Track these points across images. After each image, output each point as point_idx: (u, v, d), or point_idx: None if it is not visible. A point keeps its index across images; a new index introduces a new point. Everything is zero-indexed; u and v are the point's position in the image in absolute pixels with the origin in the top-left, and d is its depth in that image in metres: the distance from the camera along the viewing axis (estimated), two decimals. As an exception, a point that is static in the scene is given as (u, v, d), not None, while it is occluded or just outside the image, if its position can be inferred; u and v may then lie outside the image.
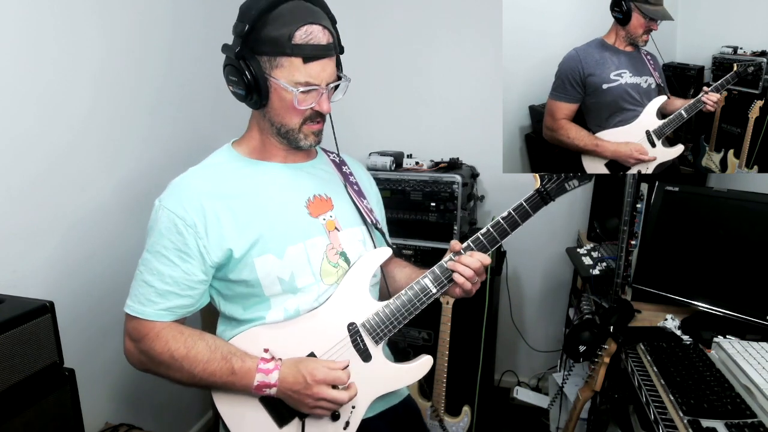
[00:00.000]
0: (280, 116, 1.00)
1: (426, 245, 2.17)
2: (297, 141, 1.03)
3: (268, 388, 0.97)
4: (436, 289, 1.05)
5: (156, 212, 0.99)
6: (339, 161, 1.20)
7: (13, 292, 1.21)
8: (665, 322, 1.41)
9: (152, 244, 0.98)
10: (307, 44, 0.92)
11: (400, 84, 2.54)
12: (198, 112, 2.16)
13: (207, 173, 1.04)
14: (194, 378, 0.98)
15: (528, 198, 1.06)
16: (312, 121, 1.02)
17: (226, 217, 0.98)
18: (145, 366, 1.02)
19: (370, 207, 1.18)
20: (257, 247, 0.99)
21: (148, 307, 0.98)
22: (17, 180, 1.44)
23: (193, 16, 2.08)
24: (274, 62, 0.94)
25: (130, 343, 1.01)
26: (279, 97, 0.97)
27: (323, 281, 1.05)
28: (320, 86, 0.97)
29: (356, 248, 1.10)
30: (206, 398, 2.33)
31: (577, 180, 1.06)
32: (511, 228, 1.05)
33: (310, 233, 1.04)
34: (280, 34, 0.91)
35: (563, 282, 2.54)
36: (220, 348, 0.99)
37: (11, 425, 1.05)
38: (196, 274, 0.98)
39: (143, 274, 0.99)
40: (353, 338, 1.04)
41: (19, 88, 1.42)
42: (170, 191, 1.01)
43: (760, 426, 0.97)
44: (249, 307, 1.03)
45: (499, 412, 2.48)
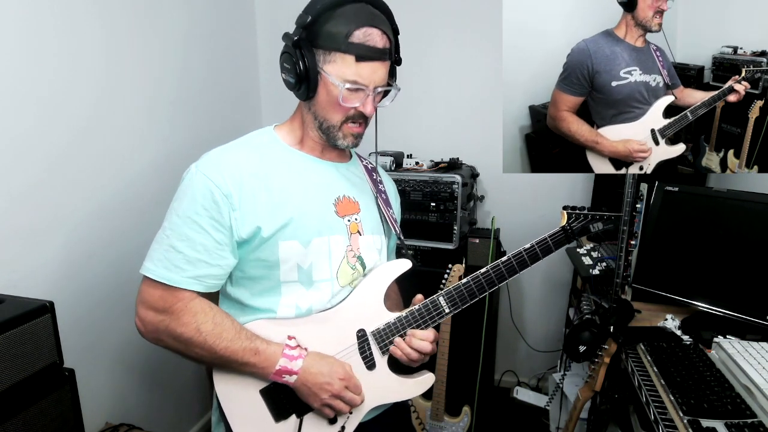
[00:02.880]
0: (324, 110, 1.01)
1: (426, 245, 2.17)
2: (335, 139, 1.03)
3: (289, 374, 0.97)
4: (448, 310, 1.06)
5: (191, 177, 0.96)
6: (371, 168, 1.21)
7: (13, 292, 1.21)
8: (665, 322, 1.41)
9: (184, 209, 0.94)
10: (363, 44, 0.94)
11: (400, 84, 2.53)
12: (197, 112, 2.16)
13: (248, 150, 1.02)
14: (214, 355, 0.95)
15: (553, 234, 1.06)
16: (354, 122, 1.02)
17: (262, 195, 0.97)
18: (159, 336, 0.97)
19: (395, 218, 1.19)
20: (286, 231, 0.98)
21: (175, 274, 0.94)
22: (17, 180, 1.44)
23: (196, 15, 2.09)
24: (328, 56, 0.95)
25: (147, 311, 0.96)
26: (326, 91, 0.98)
27: (338, 280, 1.05)
28: (368, 87, 0.97)
29: (373, 256, 1.11)
30: (206, 398, 2.33)
31: (602, 223, 1.07)
32: (532, 261, 1.05)
33: (335, 230, 1.04)
34: (338, 30, 0.93)
35: (563, 282, 2.54)
36: (245, 328, 0.98)
37: (11, 425, 1.05)
38: (227, 244, 0.96)
39: (170, 239, 0.94)
40: (361, 345, 1.04)
41: (20, 89, 1.42)
42: (210, 159, 0.98)
43: (760, 426, 0.96)
44: (258, 293, 1.02)
45: (499, 412, 2.48)
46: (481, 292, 1.06)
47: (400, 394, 1.09)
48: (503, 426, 2.40)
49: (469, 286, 1.06)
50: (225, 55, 2.35)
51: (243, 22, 2.49)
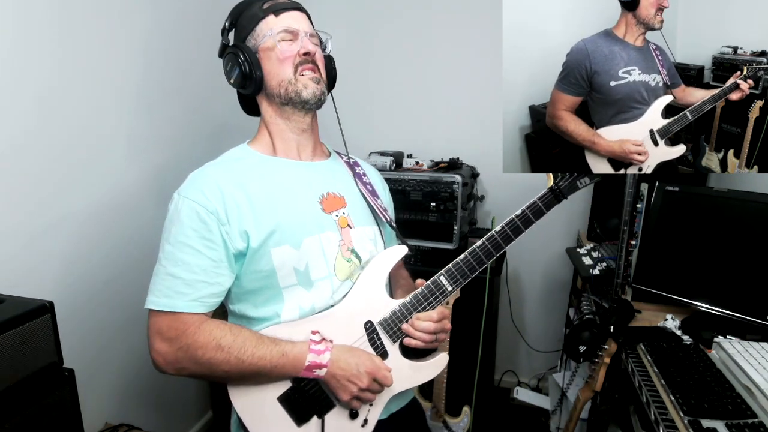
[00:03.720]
0: (275, 75, 1.04)
1: (426, 245, 2.17)
2: (299, 94, 1.04)
3: (319, 368, 0.98)
4: (451, 287, 1.07)
5: (176, 204, 0.97)
6: (352, 163, 1.22)
7: (13, 292, 1.21)
8: (665, 322, 1.41)
9: (174, 235, 0.95)
10: (275, 3, 1.05)
11: (400, 84, 2.54)
12: (197, 113, 2.16)
13: (225, 166, 1.04)
14: (242, 364, 0.95)
15: (542, 195, 1.08)
16: (304, 66, 1.04)
17: (245, 204, 0.98)
18: (181, 365, 0.96)
19: (383, 206, 1.19)
20: (274, 237, 0.99)
21: (177, 300, 0.94)
22: (17, 180, 1.44)
23: (193, 15, 2.09)
24: (255, 34, 1.04)
25: (161, 343, 0.95)
26: (268, 59, 1.04)
27: (336, 276, 1.05)
28: (299, 31, 1.04)
29: (367, 246, 1.11)
30: (206, 398, 2.33)
31: (588, 177, 1.09)
32: (525, 225, 1.07)
33: (324, 227, 1.05)
34: (252, 12, 1.05)
35: (563, 282, 2.54)
36: (264, 333, 0.99)
37: (11, 425, 1.05)
38: (223, 261, 0.97)
39: (166, 268, 0.95)
40: (370, 337, 1.05)
41: (20, 88, 1.42)
42: (189, 183, 1.00)
43: (761, 426, 0.96)
44: (261, 304, 1.03)
45: (499, 412, 2.48)
46: (480, 264, 1.07)
47: (417, 379, 1.09)
48: (503, 426, 2.40)
49: (468, 261, 1.06)
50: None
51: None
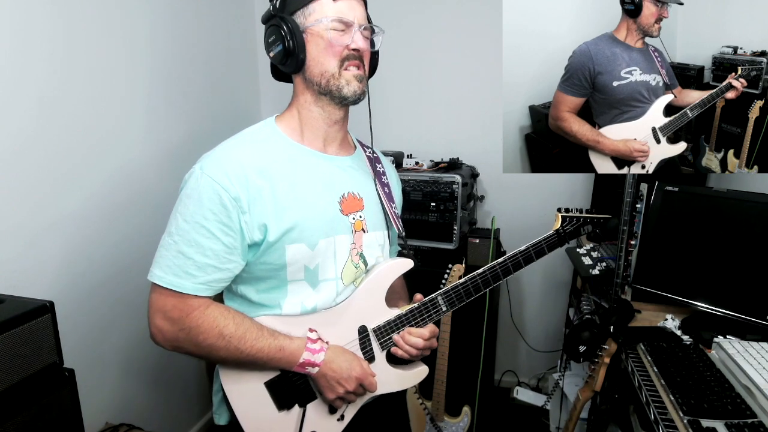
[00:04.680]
0: (318, 64, 0.99)
1: (426, 245, 2.17)
2: (340, 90, 1.00)
3: (312, 366, 1.00)
4: (446, 308, 1.10)
5: (196, 179, 0.93)
6: (374, 157, 1.20)
7: (13, 292, 1.21)
8: (665, 322, 1.41)
9: (191, 213, 0.92)
10: None
11: (401, 84, 2.54)
12: (196, 110, 2.16)
13: (252, 148, 1.00)
14: (240, 354, 0.96)
15: (547, 237, 1.11)
16: (350, 62, 1.00)
17: (268, 196, 0.96)
18: (179, 345, 0.96)
19: (397, 212, 1.19)
20: (291, 234, 0.98)
21: (186, 281, 0.92)
22: (17, 180, 1.44)
23: (191, 13, 2.09)
24: (306, 12, 0.98)
25: (163, 321, 0.94)
26: (315, 44, 0.98)
27: (342, 280, 1.06)
28: (353, 23, 0.98)
29: (375, 252, 1.12)
30: (205, 398, 2.33)
31: (591, 226, 1.14)
32: (526, 262, 1.10)
33: (339, 230, 1.05)
34: None
35: (563, 282, 2.54)
36: (264, 326, 0.99)
37: (11, 425, 1.05)
38: (237, 248, 0.95)
39: (178, 245, 0.92)
40: (362, 341, 1.07)
41: (19, 88, 1.42)
42: (213, 160, 0.96)
43: (760, 426, 0.97)
44: (264, 291, 1.03)
45: (499, 412, 2.48)
46: (477, 291, 1.10)
47: (398, 385, 1.13)
48: (503, 426, 2.40)
49: (466, 287, 1.09)
50: (223, 46, 2.35)
51: (241, 10, 2.48)
